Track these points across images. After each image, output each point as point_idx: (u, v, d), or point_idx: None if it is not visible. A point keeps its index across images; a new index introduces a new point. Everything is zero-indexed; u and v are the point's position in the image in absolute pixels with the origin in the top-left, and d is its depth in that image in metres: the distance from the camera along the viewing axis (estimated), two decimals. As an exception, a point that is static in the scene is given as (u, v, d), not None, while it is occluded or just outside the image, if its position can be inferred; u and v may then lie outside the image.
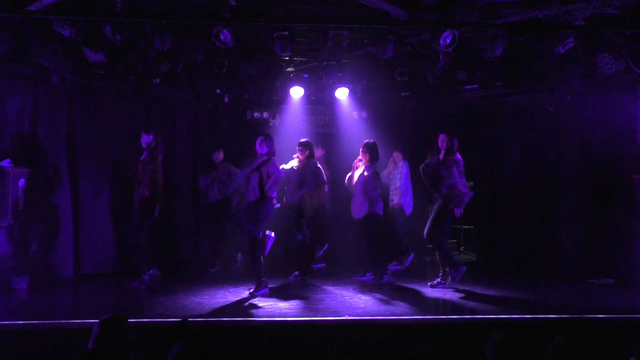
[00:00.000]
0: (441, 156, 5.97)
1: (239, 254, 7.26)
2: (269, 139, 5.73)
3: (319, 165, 6.50)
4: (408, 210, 6.91)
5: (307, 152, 6.45)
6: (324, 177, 6.59)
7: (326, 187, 6.88)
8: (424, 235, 6.02)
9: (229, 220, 6.67)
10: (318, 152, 7.32)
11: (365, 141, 6.32)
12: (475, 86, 7.39)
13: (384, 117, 8.15)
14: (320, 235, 6.81)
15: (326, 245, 7.04)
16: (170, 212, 7.32)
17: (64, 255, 6.52)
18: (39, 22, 5.66)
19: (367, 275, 6.27)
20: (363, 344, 4.21)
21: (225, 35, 5.68)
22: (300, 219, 6.37)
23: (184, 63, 6.62)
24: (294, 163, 6.49)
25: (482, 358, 2.52)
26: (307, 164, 6.41)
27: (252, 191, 5.55)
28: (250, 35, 6.27)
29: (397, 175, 6.99)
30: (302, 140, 6.55)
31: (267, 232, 5.62)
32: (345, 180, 6.47)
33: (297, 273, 6.29)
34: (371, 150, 6.22)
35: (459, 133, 7.40)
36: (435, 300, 5.45)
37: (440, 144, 5.98)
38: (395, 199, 6.81)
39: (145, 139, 6.09)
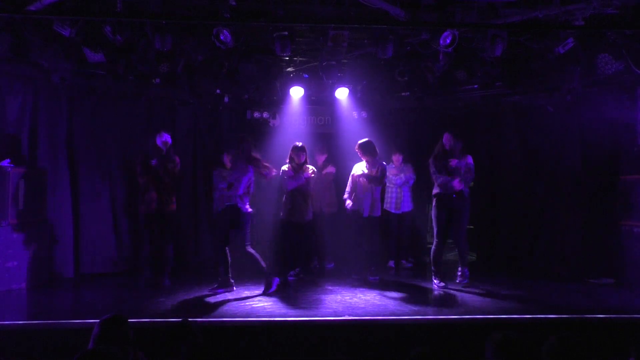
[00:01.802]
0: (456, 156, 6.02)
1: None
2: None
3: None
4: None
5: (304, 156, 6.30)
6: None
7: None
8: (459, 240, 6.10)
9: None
10: (321, 158, 7.34)
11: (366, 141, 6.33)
12: (475, 86, 7.38)
13: (384, 117, 8.15)
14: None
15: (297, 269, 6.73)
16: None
17: (64, 255, 6.53)
18: (39, 22, 5.66)
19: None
20: (363, 344, 4.22)
21: (225, 35, 5.68)
22: None
23: (184, 63, 6.62)
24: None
25: (482, 358, 2.52)
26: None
27: None
28: (250, 35, 6.27)
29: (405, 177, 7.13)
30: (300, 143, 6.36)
31: None
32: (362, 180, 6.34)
33: (297, 270, 6.32)
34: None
35: (459, 133, 7.45)
36: (435, 300, 5.45)
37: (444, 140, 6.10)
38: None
39: (167, 139, 6.09)
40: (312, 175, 6.28)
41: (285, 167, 6.27)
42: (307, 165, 6.31)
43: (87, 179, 6.82)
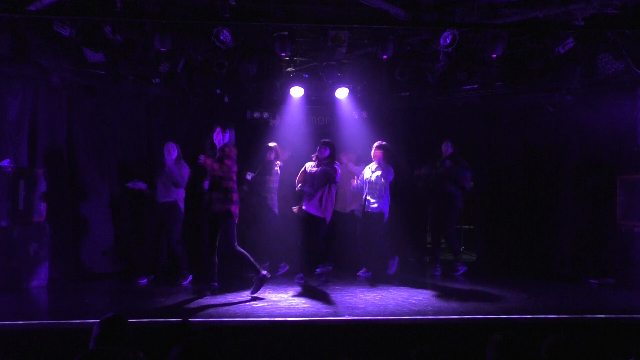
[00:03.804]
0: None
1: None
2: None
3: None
4: None
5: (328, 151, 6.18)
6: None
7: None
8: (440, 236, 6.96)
9: None
10: (285, 155, 7.28)
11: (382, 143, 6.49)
12: (475, 86, 7.39)
13: (384, 117, 8.14)
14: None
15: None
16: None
17: (64, 255, 6.52)
18: (39, 22, 5.66)
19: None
20: (363, 344, 4.21)
21: (225, 35, 5.68)
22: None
23: (184, 63, 6.62)
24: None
25: (482, 358, 2.52)
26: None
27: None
28: (250, 35, 6.27)
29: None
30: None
31: None
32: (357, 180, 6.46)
33: (300, 275, 6.23)
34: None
35: (459, 133, 7.46)
36: (435, 300, 5.44)
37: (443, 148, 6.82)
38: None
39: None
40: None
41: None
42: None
43: (87, 178, 6.82)
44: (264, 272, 5.49)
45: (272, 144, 6.88)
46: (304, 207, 6.09)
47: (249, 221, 6.73)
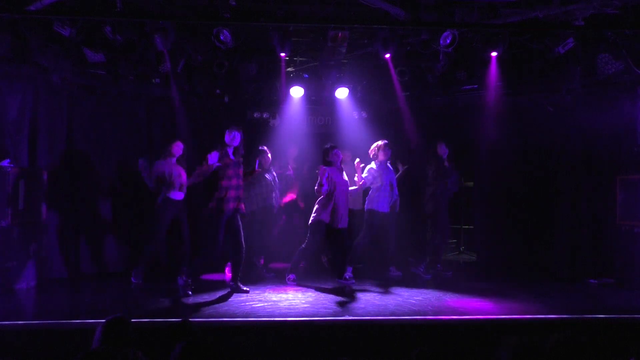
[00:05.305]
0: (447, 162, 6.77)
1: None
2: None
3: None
4: None
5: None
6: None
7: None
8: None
9: None
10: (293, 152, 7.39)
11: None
12: (475, 86, 7.39)
13: (384, 117, 8.14)
14: None
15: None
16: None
17: (64, 255, 6.53)
18: (39, 22, 5.66)
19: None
20: (363, 344, 4.21)
21: (225, 35, 5.68)
22: None
23: (184, 63, 6.62)
24: None
25: (482, 358, 2.51)
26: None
27: None
28: (250, 35, 6.27)
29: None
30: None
31: None
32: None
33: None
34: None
35: (459, 133, 7.45)
36: (435, 300, 5.45)
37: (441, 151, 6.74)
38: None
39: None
40: None
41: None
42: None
43: (87, 178, 6.82)
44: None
45: (264, 148, 6.72)
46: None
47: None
